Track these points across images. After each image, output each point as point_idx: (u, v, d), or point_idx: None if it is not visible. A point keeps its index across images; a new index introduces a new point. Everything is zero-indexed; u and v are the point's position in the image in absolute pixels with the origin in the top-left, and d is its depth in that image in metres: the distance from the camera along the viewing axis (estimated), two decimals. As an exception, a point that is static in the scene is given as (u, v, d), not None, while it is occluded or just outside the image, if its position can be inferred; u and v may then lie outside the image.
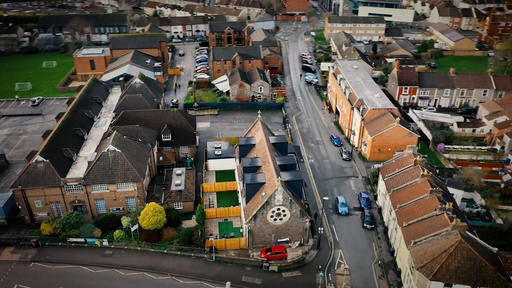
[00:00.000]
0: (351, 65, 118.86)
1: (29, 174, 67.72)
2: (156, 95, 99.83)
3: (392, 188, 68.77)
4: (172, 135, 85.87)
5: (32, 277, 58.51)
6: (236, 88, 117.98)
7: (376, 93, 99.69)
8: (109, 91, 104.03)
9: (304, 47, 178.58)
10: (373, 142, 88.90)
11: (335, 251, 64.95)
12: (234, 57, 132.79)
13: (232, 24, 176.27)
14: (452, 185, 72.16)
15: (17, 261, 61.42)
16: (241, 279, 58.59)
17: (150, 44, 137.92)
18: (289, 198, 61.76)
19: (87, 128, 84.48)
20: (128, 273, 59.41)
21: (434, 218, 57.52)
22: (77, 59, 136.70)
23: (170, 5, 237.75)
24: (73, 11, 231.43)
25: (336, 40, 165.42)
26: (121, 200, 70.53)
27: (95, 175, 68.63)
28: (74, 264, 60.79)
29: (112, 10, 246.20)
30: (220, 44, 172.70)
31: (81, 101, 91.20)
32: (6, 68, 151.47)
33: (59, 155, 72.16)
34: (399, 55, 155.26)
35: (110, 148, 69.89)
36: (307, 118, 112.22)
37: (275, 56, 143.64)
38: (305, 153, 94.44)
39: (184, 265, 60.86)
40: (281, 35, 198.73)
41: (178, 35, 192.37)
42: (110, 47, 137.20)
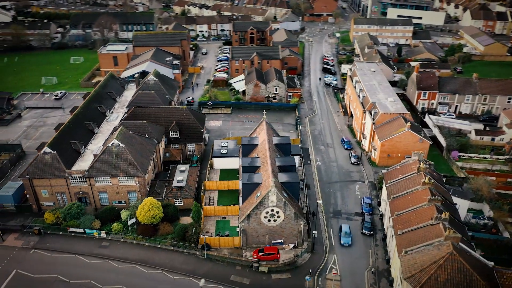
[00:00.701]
0: (368, 67, 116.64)
1: (37, 165, 70.56)
2: (170, 92, 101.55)
3: (392, 195, 67.19)
4: (180, 132, 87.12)
5: (31, 264, 60.98)
6: (252, 88, 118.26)
7: (390, 97, 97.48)
8: (125, 87, 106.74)
9: (328, 49, 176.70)
10: (382, 147, 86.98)
11: (329, 256, 64.08)
12: (253, 57, 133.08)
13: (256, 24, 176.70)
14: (458, 195, 69.61)
15: (19, 247, 64.17)
16: (229, 278, 58.79)
17: (171, 42, 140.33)
18: (283, 200, 61.46)
19: (98, 122, 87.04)
20: (121, 265, 60.88)
21: (429, 228, 55.74)
22: (101, 55, 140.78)
23: (199, 4, 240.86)
24: (105, 8, 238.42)
25: (360, 42, 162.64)
26: (123, 194, 72.29)
27: (98, 168, 70.67)
28: (71, 253, 62.88)
29: (143, 9, 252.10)
30: (243, 43, 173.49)
31: (95, 96, 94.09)
32: (37, 62, 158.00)
33: (67, 147, 74.74)
34: (424, 59, 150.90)
35: (114, 143, 71.76)
36: (320, 120, 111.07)
37: (295, 57, 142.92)
38: (314, 155, 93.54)
39: (176, 261, 61.74)
40: (305, 36, 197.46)
41: (203, 34, 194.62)
42: (133, 44, 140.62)
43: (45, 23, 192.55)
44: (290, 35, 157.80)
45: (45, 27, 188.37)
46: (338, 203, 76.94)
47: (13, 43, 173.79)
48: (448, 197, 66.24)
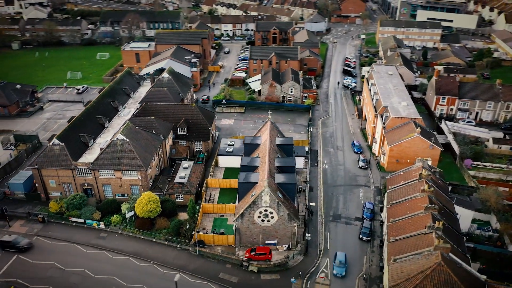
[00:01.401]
0: (386, 70, 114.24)
1: (46, 155, 73.47)
2: (182, 89, 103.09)
3: (391, 201, 65.73)
4: (188, 129, 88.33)
5: (34, 251, 63.56)
6: (267, 88, 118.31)
7: (404, 101, 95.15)
8: (141, 84, 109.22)
9: (352, 51, 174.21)
10: (391, 152, 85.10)
11: (322, 259, 63.36)
12: (271, 57, 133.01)
13: (279, 24, 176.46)
14: (462, 204, 67.22)
15: (23, 234, 67.02)
16: (218, 275, 59.23)
17: (192, 41, 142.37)
18: (276, 201, 61.28)
19: (110, 117, 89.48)
20: (115, 256, 62.51)
21: (422, 236, 54.20)
22: (124, 52, 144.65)
23: (226, 3, 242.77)
24: (135, 6, 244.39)
25: (384, 44, 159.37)
26: (126, 187, 74.11)
27: (103, 161, 72.77)
28: (70, 242, 65.10)
29: (172, 7, 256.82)
30: (266, 43, 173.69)
31: (110, 91, 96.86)
32: (65, 57, 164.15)
33: (76, 140, 77.32)
34: (449, 63, 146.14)
35: (119, 137, 73.69)
36: (333, 122, 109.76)
37: (315, 58, 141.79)
38: (322, 157, 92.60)
39: (168, 255, 62.77)
40: (330, 37, 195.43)
41: (227, 33, 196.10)
42: (155, 42, 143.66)
43: (76, 20, 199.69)
44: (311, 36, 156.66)
45: (77, 23, 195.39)
46: (339, 207, 75.90)
47: (45, 39, 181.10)
48: (450, 206, 64.08)
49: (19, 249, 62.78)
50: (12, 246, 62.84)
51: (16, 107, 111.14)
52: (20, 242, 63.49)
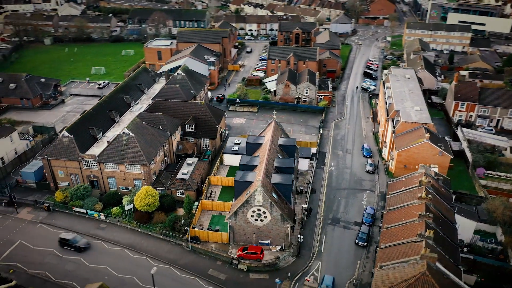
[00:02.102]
0: (404, 74, 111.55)
1: (55, 147, 76.40)
2: (195, 87, 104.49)
3: (389, 207, 64.37)
4: (196, 126, 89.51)
5: (34, 236, 66.40)
6: (282, 88, 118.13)
7: (417, 105, 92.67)
8: (156, 81, 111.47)
9: (376, 53, 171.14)
10: (399, 157, 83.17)
11: (314, 262, 62.82)
12: (289, 57, 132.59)
13: (302, 24, 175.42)
14: (464, 214, 64.88)
15: (29, 221, 70.06)
16: (207, 272, 59.84)
17: (212, 40, 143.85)
18: (269, 201, 61.25)
19: (121, 111, 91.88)
20: (111, 247, 64.33)
21: (412, 244, 52.80)
22: (147, 49, 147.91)
23: (254, 3, 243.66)
24: (165, 5, 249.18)
25: (409, 47, 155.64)
26: (130, 181, 75.99)
27: (108, 154, 74.93)
28: (71, 231, 67.37)
29: (201, 6, 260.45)
30: (288, 44, 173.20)
31: (124, 87, 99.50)
32: (92, 53, 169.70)
33: (85, 133, 79.90)
34: (476, 68, 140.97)
35: (125, 132, 75.68)
36: (346, 125, 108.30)
37: (334, 59, 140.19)
38: (329, 160, 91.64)
39: (162, 249, 63.98)
40: (356, 38, 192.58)
41: (252, 33, 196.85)
42: (177, 40, 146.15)
43: (107, 17, 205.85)
44: (333, 37, 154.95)
45: (106, 21, 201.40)
46: (339, 211, 74.97)
47: (76, 35, 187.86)
48: (450, 215, 62.01)
49: (76, 248, 62.58)
50: (70, 244, 62.73)
51: (39, 100, 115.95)
52: (78, 242, 63.14)
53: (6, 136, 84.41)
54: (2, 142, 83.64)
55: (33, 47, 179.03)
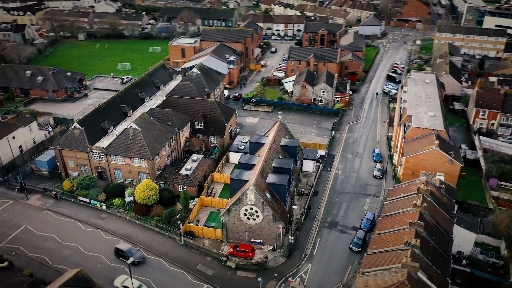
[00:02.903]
0: (423, 78, 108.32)
1: (67, 137, 79.72)
2: (210, 85, 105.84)
3: (384, 213, 63.02)
4: (205, 123, 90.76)
5: (39, 222, 69.67)
6: (298, 89, 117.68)
7: (432, 111, 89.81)
8: (173, 77, 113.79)
9: (403, 56, 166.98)
10: (407, 163, 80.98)
11: (305, 264, 62.43)
12: (309, 58, 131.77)
13: (328, 26, 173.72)
14: (464, 225, 62.46)
15: (36, 207, 73.54)
16: (196, 266, 60.77)
17: (235, 39, 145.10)
18: (261, 200, 61.43)
19: (135, 106, 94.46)
20: (108, 236, 66.50)
21: (398, 252, 51.50)
22: (171, 46, 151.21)
23: (284, 3, 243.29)
24: (197, 4, 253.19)
25: (437, 51, 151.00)
26: (135, 174, 78.19)
27: (115, 147, 77.41)
28: (73, 219, 70.30)
29: (233, 5, 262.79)
30: (313, 45, 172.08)
31: (140, 82, 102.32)
32: (121, 49, 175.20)
33: (96, 125, 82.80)
34: (507, 74, 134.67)
35: (132, 126, 77.93)
36: (361, 128, 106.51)
37: (356, 61, 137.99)
38: (337, 163, 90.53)
39: (155, 242, 65.53)
40: (385, 41, 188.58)
41: (279, 33, 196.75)
42: (200, 38, 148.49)
43: (139, 15, 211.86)
44: (357, 39, 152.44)
45: (138, 18, 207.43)
46: (339, 214, 74.02)
47: (108, 31, 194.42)
48: (447, 225, 59.90)
49: None
50: (125, 256, 59.67)
51: (64, 93, 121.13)
52: (133, 254, 60.03)
53: (25, 125, 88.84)
54: (21, 131, 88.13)
55: (67, 42, 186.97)
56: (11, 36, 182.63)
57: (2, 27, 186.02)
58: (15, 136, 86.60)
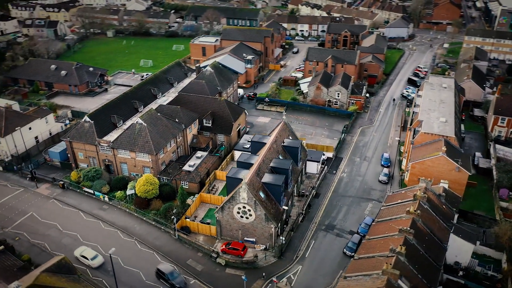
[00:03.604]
0: (441, 83, 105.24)
1: (77, 130, 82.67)
2: (222, 84, 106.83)
3: (379, 218, 61.92)
4: (213, 121, 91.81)
5: (45, 210, 72.68)
6: (313, 90, 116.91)
7: (444, 117, 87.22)
8: (188, 75, 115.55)
9: (429, 60, 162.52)
10: (413, 169, 79.03)
11: (295, 265, 62.20)
12: (327, 60, 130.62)
13: (351, 27, 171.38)
14: (462, 235, 60.36)
15: (44, 196, 76.72)
16: (186, 261, 61.74)
17: (255, 38, 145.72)
18: (253, 199, 61.68)
19: (146, 102, 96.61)
20: (107, 227, 68.58)
21: (383, 259, 50.55)
22: (192, 45, 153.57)
23: (312, 3, 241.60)
24: (224, 3, 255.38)
25: (463, 55, 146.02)
26: (139, 168, 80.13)
27: (121, 141, 79.62)
28: (76, 209, 72.90)
29: (261, 5, 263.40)
30: (336, 46, 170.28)
31: (153, 79, 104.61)
32: (147, 46, 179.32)
33: (106, 119, 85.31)
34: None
35: (138, 121, 79.91)
36: (373, 132, 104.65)
37: (376, 64, 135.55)
38: (344, 166, 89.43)
39: (151, 235, 66.99)
40: (411, 43, 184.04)
41: (303, 33, 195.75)
42: (221, 37, 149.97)
43: (166, 13, 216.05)
44: (379, 41, 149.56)
45: (166, 16, 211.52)
46: (337, 218, 73.19)
47: (136, 29, 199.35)
48: (442, 234, 58.17)
49: (171, 285, 56.84)
50: (166, 279, 57.42)
51: (85, 87, 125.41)
52: (175, 279, 57.03)
53: (41, 117, 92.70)
54: (38, 122, 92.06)
55: (96, 39, 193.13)
56: (44, 32, 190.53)
57: (36, 23, 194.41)
58: (32, 127, 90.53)
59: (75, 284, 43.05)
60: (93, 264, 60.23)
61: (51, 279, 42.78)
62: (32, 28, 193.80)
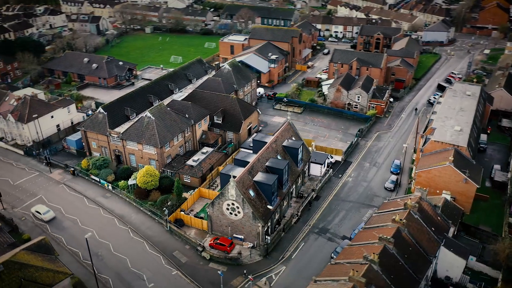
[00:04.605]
0: (465, 90, 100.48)
1: (92, 120, 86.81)
2: (239, 82, 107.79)
3: (366, 226, 60.58)
4: (223, 118, 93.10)
5: (53, 194, 77.03)
6: (333, 92, 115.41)
7: (460, 125, 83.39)
8: (207, 72, 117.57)
9: (465, 66, 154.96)
10: (419, 178, 76.39)
11: (278, 266, 62.11)
12: (351, 62, 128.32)
13: (385, 29, 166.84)
14: (454, 250, 57.67)
15: (55, 180, 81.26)
16: (172, 252, 63.33)
17: (282, 38, 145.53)
18: (241, 196, 62.21)
19: (162, 97, 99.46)
20: (106, 214, 71.63)
21: (356, 265, 49.50)
22: (221, 43, 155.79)
23: (351, 5, 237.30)
24: (263, 2, 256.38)
25: (502, 62, 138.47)
26: (146, 160, 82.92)
27: (130, 133, 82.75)
28: (82, 195, 76.63)
29: (300, 5, 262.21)
30: (368, 48, 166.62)
31: (172, 75, 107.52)
32: (180, 43, 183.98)
33: (119, 112, 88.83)
34: None
35: (147, 114, 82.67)
36: (389, 138, 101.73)
37: (404, 68, 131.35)
38: (352, 170, 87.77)
39: (144, 225, 69.24)
40: (450, 48, 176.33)
41: (337, 34, 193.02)
42: (249, 36, 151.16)
43: (203, 11, 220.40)
44: (410, 45, 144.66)
45: (203, 14, 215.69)
46: (333, 222, 72.12)
47: (173, 26, 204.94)
48: (430, 246, 55.91)
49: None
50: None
51: (114, 80, 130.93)
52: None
53: (64, 107, 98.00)
54: (60, 111, 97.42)
55: (135, 35, 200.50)
56: (87, 26, 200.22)
57: (80, 18, 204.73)
58: (54, 115, 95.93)
59: (49, 264, 45.64)
60: (45, 217, 69.86)
61: (28, 257, 45.64)
62: (76, 22, 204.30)
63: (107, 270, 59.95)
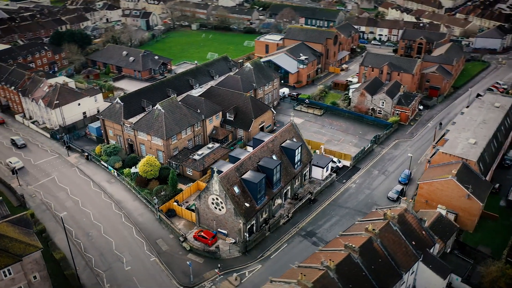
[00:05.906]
0: (494, 101, 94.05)
1: (110, 110, 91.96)
2: (259, 81, 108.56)
3: (344, 233, 59.28)
4: (235, 116, 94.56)
5: (65, 176, 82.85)
6: (357, 96, 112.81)
7: (476, 138, 78.46)
8: (232, 70, 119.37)
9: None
10: (421, 189, 73.27)
11: (255, 264, 62.48)
12: (382, 66, 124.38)
13: (429, 34, 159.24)
14: (433, 267, 54.76)
15: (70, 163, 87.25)
16: (156, 240, 65.87)
17: (316, 39, 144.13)
18: (224, 192, 63.31)
19: (180, 91, 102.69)
20: (105, 198, 75.87)
21: (314, 271, 48.88)
22: (257, 42, 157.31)
23: (403, 7, 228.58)
24: (312, 3, 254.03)
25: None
26: (154, 150, 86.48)
27: (141, 124, 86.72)
28: (89, 178, 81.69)
29: (351, 7, 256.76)
30: (409, 53, 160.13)
31: (194, 70, 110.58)
32: (221, 41, 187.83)
33: (136, 103, 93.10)
34: None
35: (158, 107, 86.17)
36: (407, 146, 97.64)
37: (440, 75, 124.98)
38: (358, 177, 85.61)
39: (137, 211, 72.51)
40: (502, 57, 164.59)
41: (380, 37, 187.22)
42: (284, 36, 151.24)
43: (250, 10, 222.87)
44: (451, 51, 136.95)
45: (249, 13, 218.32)
46: (323, 226, 71.05)
47: (218, 23, 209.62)
48: (404, 260, 53.57)
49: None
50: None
51: (148, 73, 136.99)
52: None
53: (91, 96, 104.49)
54: (87, 100, 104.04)
55: (181, 31, 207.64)
56: (138, 21, 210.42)
57: (133, 13, 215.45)
58: (81, 103, 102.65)
59: (24, 237, 49.70)
60: (15, 166, 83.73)
61: (7, 228, 50.01)
62: (129, 17, 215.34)
63: (93, 250, 63.73)
